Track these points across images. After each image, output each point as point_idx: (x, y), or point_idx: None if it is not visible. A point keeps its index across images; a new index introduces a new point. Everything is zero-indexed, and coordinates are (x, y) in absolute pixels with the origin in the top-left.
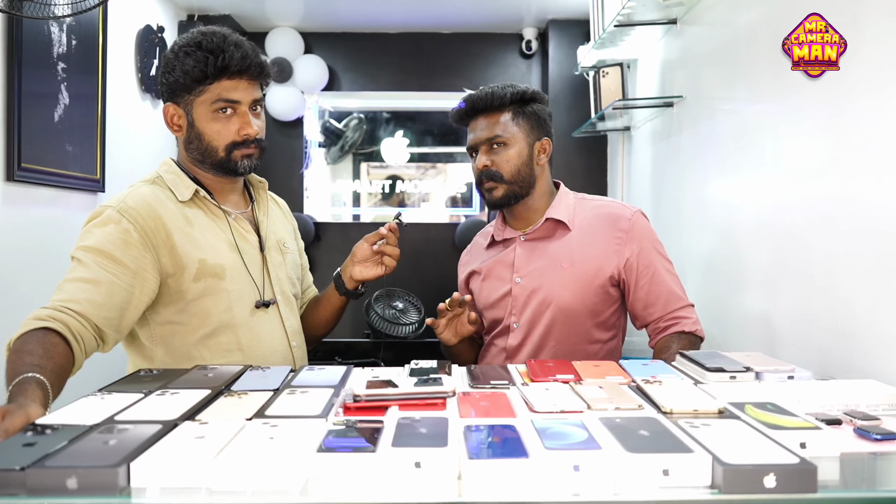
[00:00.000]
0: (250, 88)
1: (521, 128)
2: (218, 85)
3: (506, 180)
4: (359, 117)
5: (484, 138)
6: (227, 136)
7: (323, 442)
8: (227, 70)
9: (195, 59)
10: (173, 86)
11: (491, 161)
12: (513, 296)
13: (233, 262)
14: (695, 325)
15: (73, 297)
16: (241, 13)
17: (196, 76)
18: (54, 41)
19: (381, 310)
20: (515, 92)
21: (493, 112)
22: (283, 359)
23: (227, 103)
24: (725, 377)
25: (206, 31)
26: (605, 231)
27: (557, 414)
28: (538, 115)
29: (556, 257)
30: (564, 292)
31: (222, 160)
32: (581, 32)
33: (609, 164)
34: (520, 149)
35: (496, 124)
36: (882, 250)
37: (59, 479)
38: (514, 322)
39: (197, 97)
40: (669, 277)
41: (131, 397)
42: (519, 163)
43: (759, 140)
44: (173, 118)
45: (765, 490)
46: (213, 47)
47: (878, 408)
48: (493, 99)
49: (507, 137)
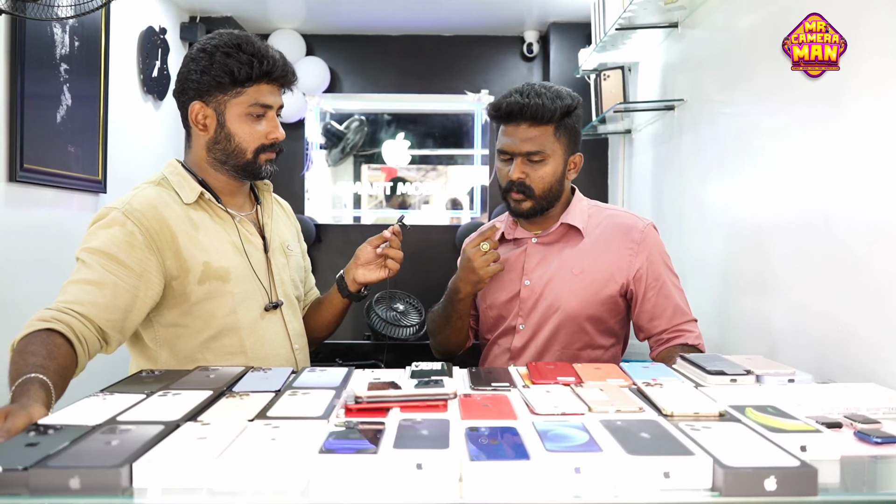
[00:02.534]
0: (279, 94)
1: (561, 143)
2: (257, 89)
3: (536, 196)
4: (360, 119)
5: (524, 150)
6: (257, 139)
7: (324, 443)
8: (269, 75)
9: (238, 60)
10: (206, 85)
11: (526, 174)
12: (521, 298)
13: (237, 264)
14: (697, 339)
15: (77, 299)
16: (244, 15)
17: (240, 77)
18: (57, 42)
19: (381, 312)
20: (563, 106)
21: (540, 124)
22: (287, 361)
23: (262, 107)
24: (726, 380)
25: (240, 34)
26: (618, 240)
27: (558, 416)
28: (576, 127)
29: (567, 263)
30: (573, 299)
31: (248, 162)
32: (582, 35)
33: (610, 167)
34: (556, 166)
35: (539, 138)
36: (882, 253)
37: (62, 480)
38: (520, 324)
39: (233, 98)
40: (676, 292)
41: (133, 398)
42: (553, 180)
43: (760, 143)
44: (198, 116)
45: (765, 493)
46: (255, 51)
47: (878, 411)
48: (543, 112)
49: (548, 154)
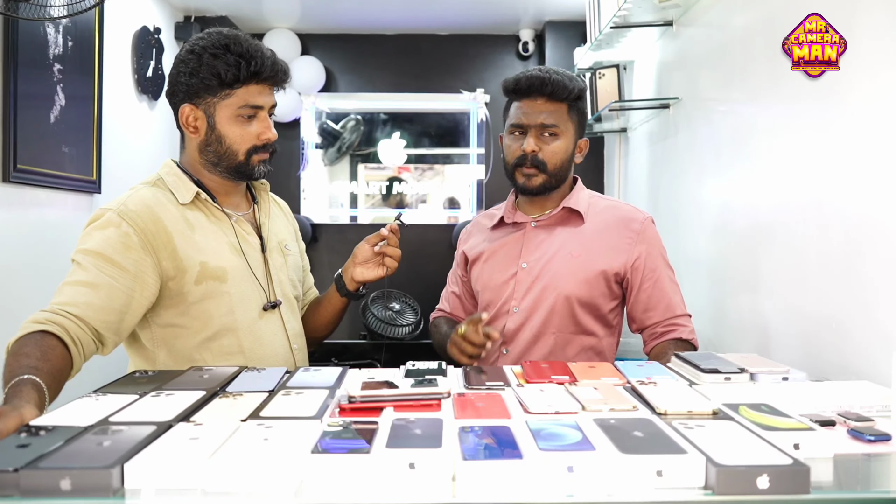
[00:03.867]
0: (271, 94)
1: (573, 123)
2: (246, 90)
3: (549, 171)
4: (356, 118)
5: (539, 123)
6: (248, 140)
7: (317, 443)
8: (258, 76)
9: (226, 62)
10: (195, 87)
11: (540, 148)
12: (517, 279)
13: (235, 264)
14: (691, 334)
15: (72, 301)
16: (238, 14)
17: (227, 79)
18: (50, 42)
19: (377, 311)
20: (576, 87)
21: (557, 101)
22: (285, 361)
23: (252, 108)
24: (720, 378)
25: (229, 33)
26: (618, 229)
27: (552, 415)
28: (584, 112)
29: (566, 245)
30: (570, 280)
31: (241, 164)
32: (577, 34)
33: (605, 165)
34: (567, 144)
35: (555, 113)
36: (877, 252)
37: (53, 481)
38: (514, 306)
39: (222, 100)
40: (671, 286)
41: (126, 398)
42: (564, 157)
43: (755, 141)
44: (189, 119)
45: (758, 491)
46: (243, 51)
47: (871, 409)
48: (562, 87)
49: (562, 130)
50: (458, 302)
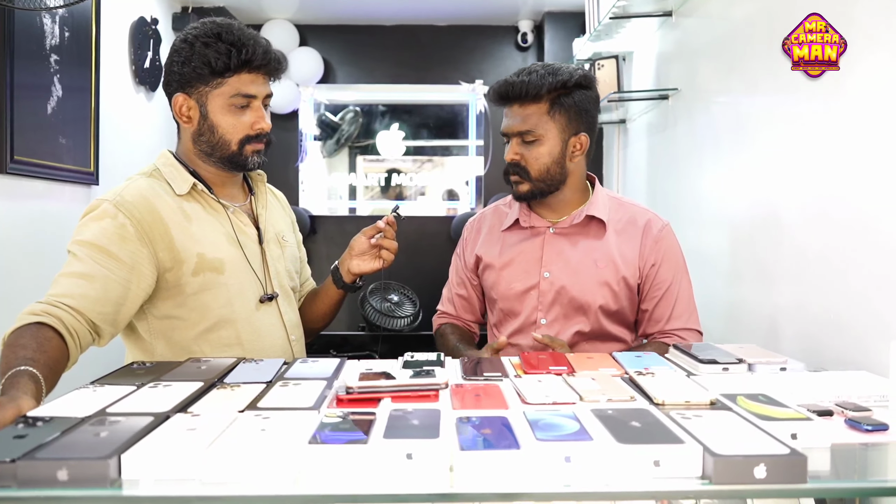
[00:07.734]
0: (265, 83)
1: (557, 122)
2: (238, 78)
3: (532, 178)
4: (354, 110)
5: (515, 130)
6: (241, 130)
7: (315, 434)
8: (249, 64)
9: (216, 50)
10: (187, 76)
11: (520, 155)
12: (539, 290)
13: (232, 256)
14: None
15: (68, 292)
16: (236, 5)
17: (217, 68)
18: (47, 33)
19: (376, 303)
20: (555, 82)
21: (528, 102)
22: (283, 353)
23: (244, 98)
24: (718, 369)
25: (222, 22)
26: (639, 236)
27: (549, 406)
28: (579, 105)
29: (590, 255)
30: (598, 292)
31: (233, 154)
32: (576, 25)
33: (605, 156)
34: (551, 147)
35: (529, 117)
36: (875, 244)
37: (50, 471)
38: (540, 318)
39: (214, 89)
40: (682, 299)
41: (123, 389)
42: (549, 161)
43: (755, 132)
44: (182, 108)
45: (755, 480)
46: (235, 40)
47: (869, 399)
48: (528, 88)
49: (539, 134)
50: (466, 305)
